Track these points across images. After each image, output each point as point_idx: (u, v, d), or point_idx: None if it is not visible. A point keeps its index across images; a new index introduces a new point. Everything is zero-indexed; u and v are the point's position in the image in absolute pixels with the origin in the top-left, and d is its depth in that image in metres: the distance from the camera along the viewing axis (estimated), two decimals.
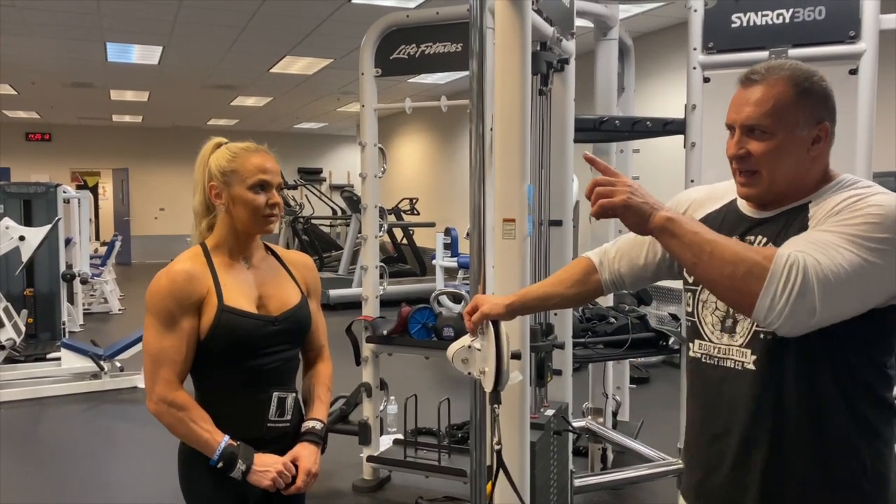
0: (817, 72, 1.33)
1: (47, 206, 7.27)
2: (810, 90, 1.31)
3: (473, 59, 1.97)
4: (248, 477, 1.63)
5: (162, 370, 1.63)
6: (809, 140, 1.31)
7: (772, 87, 1.30)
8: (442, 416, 3.66)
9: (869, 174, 2.61)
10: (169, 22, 6.90)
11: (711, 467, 1.42)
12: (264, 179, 1.69)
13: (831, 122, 1.33)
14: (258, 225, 1.70)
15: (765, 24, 2.79)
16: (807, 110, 1.30)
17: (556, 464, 2.78)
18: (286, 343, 1.75)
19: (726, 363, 1.38)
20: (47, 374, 5.90)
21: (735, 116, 1.34)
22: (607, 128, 3.32)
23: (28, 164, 15.00)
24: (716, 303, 1.40)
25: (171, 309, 1.62)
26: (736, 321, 1.36)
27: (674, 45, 6.91)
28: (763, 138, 1.31)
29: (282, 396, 1.72)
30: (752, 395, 1.33)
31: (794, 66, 1.34)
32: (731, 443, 1.37)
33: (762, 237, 1.35)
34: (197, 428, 1.62)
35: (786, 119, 1.29)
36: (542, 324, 2.74)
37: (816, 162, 1.34)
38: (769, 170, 1.32)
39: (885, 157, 4.37)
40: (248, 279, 1.73)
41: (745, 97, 1.33)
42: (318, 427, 1.77)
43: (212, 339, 1.65)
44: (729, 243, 1.22)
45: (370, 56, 3.75)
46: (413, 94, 4.77)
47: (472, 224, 2.03)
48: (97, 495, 3.85)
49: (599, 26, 3.74)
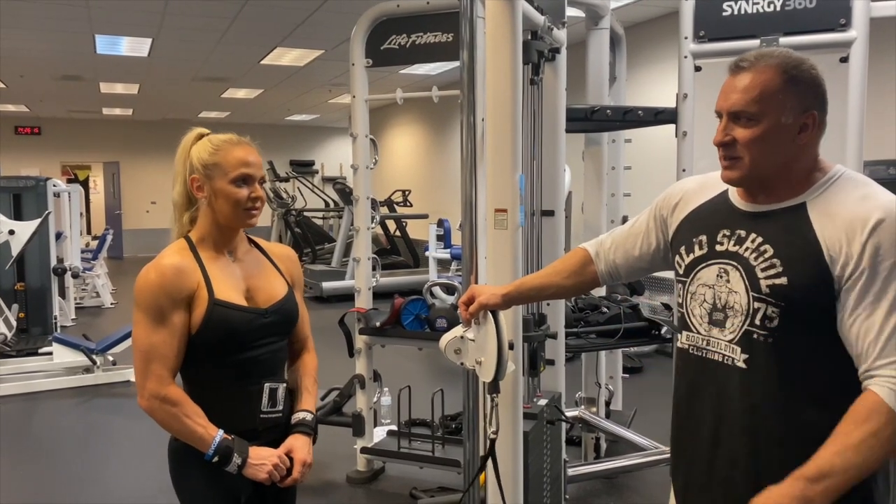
0: (808, 60, 1.33)
1: (37, 200, 7.21)
2: (799, 78, 1.30)
3: (464, 50, 1.97)
4: (244, 470, 1.62)
5: (153, 366, 1.61)
6: (796, 128, 1.30)
7: (760, 75, 1.30)
8: (435, 407, 3.67)
9: (860, 162, 2.62)
10: (158, 14, 6.85)
11: (696, 454, 1.44)
12: (246, 173, 1.66)
13: (820, 111, 1.32)
14: (240, 219, 1.68)
15: (756, 12, 2.79)
16: (794, 98, 1.29)
17: (550, 453, 2.79)
18: (275, 335, 1.74)
19: (713, 356, 1.39)
20: (39, 369, 5.88)
21: (723, 104, 1.35)
22: (599, 117, 3.32)
23: (17, 157, 14.88)
24: (703, 295, 1.41)
25: (162, 304, 1.60)
26: (726, 316, 1.36)
27: (665, 34, 6.90)
28: (749, 125, 1.30)
29: (273, 387, 1.72)
30: (740, 391, 1.34)
31: (784, 53, 1.33)
32: (715, 433, 1.39)
33: (757, 236, 1.34)
34: (191, 423, 1.61)
35: (772, 106, 1.29)
36: (535, 314, 2.74)
37: (805, 151, 1.33)
38: (752, 156, 1.31)
39: (876, 145, 4.38)
40: (235, 272, 1.72)
41: (733, 84, 1.33)
42: (308, 418, 1.77)
43: (203, 333, 1.63)
44: (854, 442, 1.19)
45: (361, 46, 3.73)
46: (404, 85, 4.76)
47: (464, 215, 2.02)
48: (90, 489, 3.85)
49: (591, 15, 3.73)
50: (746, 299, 1.32)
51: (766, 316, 1.29)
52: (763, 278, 1.30)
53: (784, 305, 1.28)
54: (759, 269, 1.31)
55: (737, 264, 1.35)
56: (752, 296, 1.31)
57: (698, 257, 1.43)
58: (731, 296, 1.35)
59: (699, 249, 1.43)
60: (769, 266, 1.30)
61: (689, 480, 1.48)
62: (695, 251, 1.44)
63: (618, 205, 4.07)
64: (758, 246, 1.33)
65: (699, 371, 1.42)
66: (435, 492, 3.61)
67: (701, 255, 1.42)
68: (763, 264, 1.31)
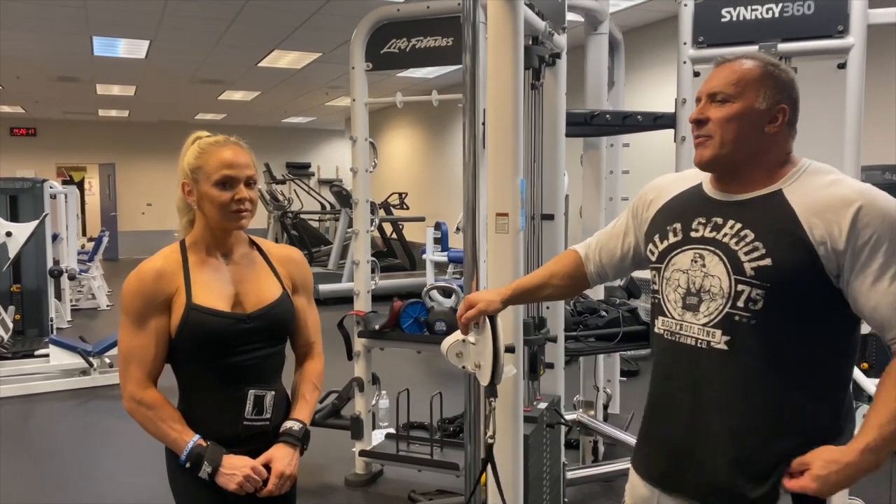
0: (785, 65, 1.44)
1: (34, 202, 7.19)
2: (775, 74, 1.40)
3: (467, 54, 1.97)
4: (215, 479, 1.60)
5: (131, 368, 1.62)
6: (767, 117, 1.38)
7: (741, 65, 1.41)
8: (434, 410, 3.67)
9: (857, 167, 2.64)
10: (156, 15, 6.85)
11: (674, 440, 1.48)
12: (228, 175, 1.62)
13: (791, 109, 1.40)
14: (227, 221, 1.65)
15: (754, 18, 2.81)
16: (769, 89, 1.39)
17: (549, 456, 2.80)
18: (261, 341, 1.69)
19: (685, 339, 1.44)
20: (36, 371, 5.86)
21: (704, 88, 1.45)
22: (598, 122, 3.34)
23: (13, 159, 14.85)
24: (678, 280, 1.46)
25: (140, 308, 1.61)
26: (701, 300, 1.41)
27: (664, 39, 6.93)
28: (724, 105, 1.40)
29: (259, 394, 1.68)
30: (720, 373, 1.39)
31: (766, 55, 1.46)
32: (692, 416, 1.43)
33: (735, 222, 1.40)
34: (165, 427, 1.61)
35: (748, 91, 1.38)
36: (535, 317, 2.75)
37: (776, 143, 1.40)
38: (723, 134, 1.39)
39: (873, 151, 4.41)
40: (224, 276, 1.69)
41: (716, 72, 1.44)
42: (296, 428, 1.72)
43: (180, 338, 1.63)
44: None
45: (361, 50, 3.74)
46: (402, 88, 4.76)
47: (466, 219, 2.03)
48: (86, 491, 3.84)
49: (590, 20, 3.75)
50: (728, 283, 1.37)
51: (751, 298, 1.34)
52: (747, 261, 1.35)
53: (770, 286, 1.33)
54: (742, 252, 1.36)
55: (715, 249, 1.40)
56: (734, 279, 1.36)
57: (673, 244, 1.48)
58: (707, 279, 1.40)
59: (673, 236, 1.49)
60: (752, 249, 1.35)
61: (668, 469, 1.50)
62: (669, 238, 1.49)
63: (616, 209, 4.08)
64: (737, 231, 1.38)
65: (673, 355, 1.47)
66: (433, 495, 3.61)
67: (675, 242, 1.48)
68: (745, 248, 1.36)
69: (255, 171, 1.69)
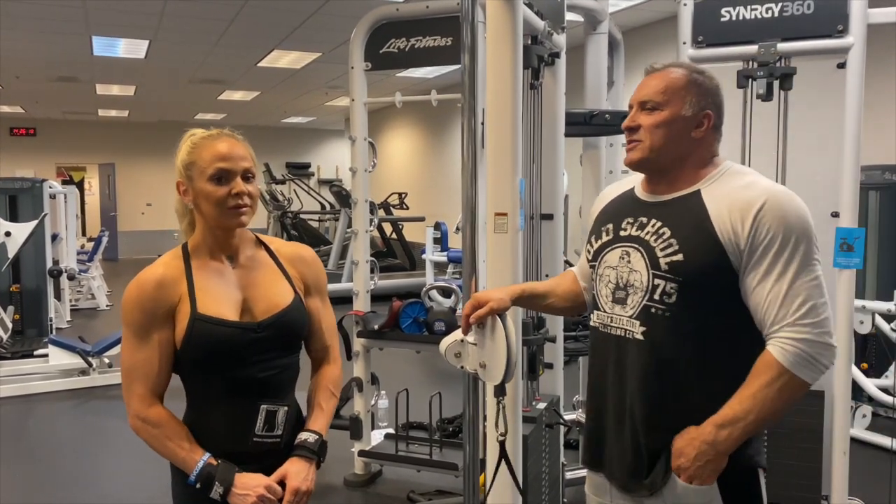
0: (709, 72, 1.55)
1: (33, 202, 7.20)
2: (700, 82, 1.50)
3: (465, 53, 1.97)
4: (227, 499, 1.50)
5: (135, 385, 1.52)
6: (693, 123, 1.49)
7: (668, 74, 1.52)
8: (433, 411, 3.67)
9: (857, 167, 2.63)
10: (156, 15, 6.85)
11: (608, 428, 1.56)
12: (222, 168, 1.50)
13: (716, 114, 1.51)
14: (226, 219, 1.52)
15: (753, 18, 2.80)
16: (695, 97, 1.49)
17: (548, 457, 2.79)
18: (276, 350, 1.58)
19: (615, 331, 1.53)
20: (35, 371, 5.86)
21: (634, 97, 1.55)
22: (598, 122, 3.33)
23: (12, 159, 14.85)
24: (608, 276, 1.56)
25: (141, 320, 1.51)
26: (627, 294, 1.51)
27: (663, 38, 6.93)
28: (652, 113, 1.50)
29: (271, 409, 1.57)
30: (640, 361, 1.47)
31: (690, 63, 1.61)
32: (619, 404, 1.52)
33: (656, 221, 1.49)
34: (173, 446, 1.52)
35: (675, 99, 1.49)
36: (534, 317, 2.75)
37: (701, 147, 1.50)
38: (652, 139, 1.50)
39: (873, 151, 4.41)
40: (230, 281, 1.57)
41: (645, 82, 1.54)
42: (311, 440, 1.62)
43: (186, 350, 1.52)
44: (751, 392, 1.39)
45: (360, 50, 3.74)
46: (401, 88, 4.76)
47: (465, 218, 2.03)
48: (86, 491, 3.84)
49: (589, 20, 3.74)
50: (647, 277, 1.47)
51: (665, 291, 1.45)
52: (662, 257, 1.46)
53: (681, 280, 1.43)
54: (659, 248, 1.47)
55: (638, 246, 1.51)
56: (651, 273, 1.47)
57: (605, 242, 1.60)
58: (631, 275, 1.51)
59: (606, 236, 1.60)
60: (667, 246, 1.46)
61: (609, 457, 1.57)
62: (602, 237, 1.61)
63: None
64: (657, 229, 1.49)
65: (604, 346, 1.57)
66: (432, 495, 3.61)
67: (607, 241, 1.59)
68: (661, 244, 1.47)
69: (253, 164, 1.57)
